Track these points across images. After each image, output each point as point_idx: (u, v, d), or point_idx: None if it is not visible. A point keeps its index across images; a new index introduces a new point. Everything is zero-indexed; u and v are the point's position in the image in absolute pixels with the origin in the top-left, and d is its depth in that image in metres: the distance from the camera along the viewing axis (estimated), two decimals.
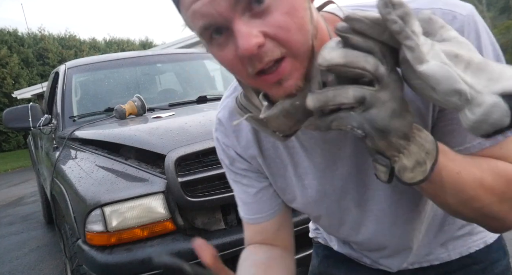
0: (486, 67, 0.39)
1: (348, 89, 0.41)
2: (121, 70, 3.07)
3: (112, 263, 1.55)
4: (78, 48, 18.31)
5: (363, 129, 0.42)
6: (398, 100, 0.42)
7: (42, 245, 3.80)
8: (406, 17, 0.39)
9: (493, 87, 0.38)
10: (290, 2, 0.44)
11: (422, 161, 0.44)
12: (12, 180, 8.79)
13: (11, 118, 2.62)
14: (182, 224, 1.66)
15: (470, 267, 0.72)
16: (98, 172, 1.84)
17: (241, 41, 0.43)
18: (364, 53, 0.41)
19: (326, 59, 0.40)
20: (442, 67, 0.38)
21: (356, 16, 0.40)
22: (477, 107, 0.38)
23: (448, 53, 0.40)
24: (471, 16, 0.52)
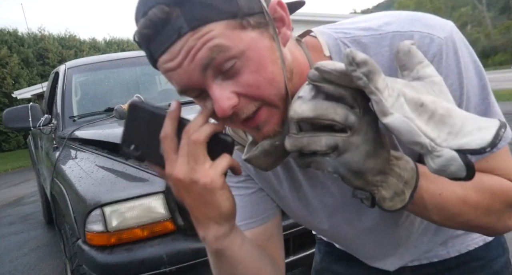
0: (448, 120, 0.41)
1: (321, 137, 0.43)
2: (121, 70, 3.07)
3: (112, 263, 1.55)
4: (78, 48, 18.29)
5: (339, 173, 0.45)
6: (370, 142, 0.43)
7: (42, 245, 3.80)
8: (370, 74, 0.40)
9: (451, 142, 0.40)
10: (256, 60, 0.47)
11: (401, 192, 0.46)
12: (12, 180, 8.79)
13: (11, 118, 2.62)
14: (182, 224, 1.66)
15: (469, 264, 0.73)
16: (98, 172, 1.84)
17: (216, 106, 0.47)
18: (333, 104, 0.42)
19: (297, 112, 0.43)
20: (404, 122, 0.40)
21: (325, 68, 0.42)
22: (437, 158, 0.40)
23: (414, 102, 0.41)
24: (449, 37, 0.53)
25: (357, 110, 0.43)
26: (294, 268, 1.83)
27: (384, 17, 0.56)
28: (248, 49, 0.46)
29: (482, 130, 0.39)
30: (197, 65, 0.46)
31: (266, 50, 0.48)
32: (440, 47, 0.52)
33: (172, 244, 1.60)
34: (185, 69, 0.46)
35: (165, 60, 0.47)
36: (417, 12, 0.56)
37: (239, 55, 0.46)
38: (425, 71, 0.45)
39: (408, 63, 0.45)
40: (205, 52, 0.45)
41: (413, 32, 0.53)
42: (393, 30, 0.54)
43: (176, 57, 0.46)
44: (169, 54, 0.46)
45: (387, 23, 0.55)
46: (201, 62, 0.45)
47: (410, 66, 0.45)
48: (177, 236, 1.64)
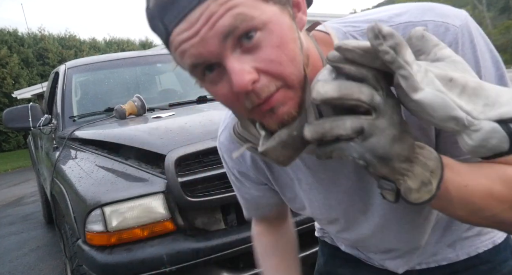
0: (482, 92, 0.39)
1: (345, 120, 0.41)
2: (121, 70, 3.07)
3: (112, 263, 1.55)
4: (78, 48, 18.29)
5: (364, 159, 0.42)
6: (397, 125, 0.41)
7: (42, 245, 3.80)
8: (397, 47, 0.39)
9: (490, 113, 0.38)
10: (279, 35, 0.44)
11: (428, 181, 0.44)
12: (12, 180, 8.79)
13: (11, 118, 2.62)
14: (182, 224, 1.66)
15: (477, 268, 0.71)
16: (98, 172, 1.84)
17: (236, 78, 0.43)
18: (358, 84, 0.40)
19: (320, 93, 0.40)
20: (437, 96, 0.38)
21: (348, 46, 0.40)
22: (475, 133, 0.38)
23: (442, 78, 0.40)
24: (464, 26, 0.51)
25: (380, 92, 0.41)
26: None
27: (394, 9, 0.55)
28: (270, 22, 0.44)
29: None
30: (218, 32, 0.43)
31: (287, 27, 0.46)
32: (455, 35, 0.50)
33: (172, 244, 1.60)
34: (203, 37, 0.43)
35: (181, 30, 0.44)
36: (427, 3, 0.54)
37: (262, 26, 0.44)
38: (443, 53, 0.43)
39: (424, 47, 0.43)
40: (228, 19, 0.42)
41: (426, 22, 0.51)
42: (405, 20, 0.52)
43: (194, 25, 0.43)
44: (187, 22, 0.43)
45: (398, 14, 0.53)
46: (223, 29, 0.42)
47: (426, 50, 0.43)
48: (177, 236, 1.64)
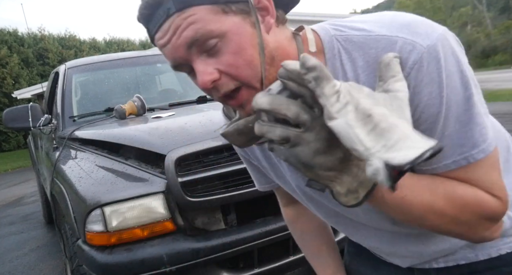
0: (387, 134, 0.43)
1: (276, 128, 0.47)
2: (121, 70, 3.07)
3: (112, 263, 1.55)
4: (78, 48, 18.28)
5: (289, 162, 0.49)
6: (322, 141, 0.46)
7: (42, 245, 3.80)
8: (318, 80, 0.44)
9: (382, 154, 0.42)
10: (237, 43, 0.53)
11: (354, 190, 0.49)
12: (12, 180, 8.79)
13: (11, 118, 2.62)
14: (182, 224, 1.66)
15: (499, 269, 0.70)
16: (98, 172, 1.84)
17: (198, 78, 0.55)
18: (288, 101, 0.46)
19: (256, 103, 0.47)
20: (344, 128, 0.43)
21: (287, 67, 0.46)
22: (369, 166, 0.43)
23: (363, 112, 0.44)
24: (432, 46, 0.53)
25: (316, 109, 0.46)
26: (294, 268, 1.83)
27: (380, 20, 0.59)
28: (229, 31, 0.53)
29: (412, 148, 0.42)
30: (183, 42, 0.53)
31: (246, 35, 0.54)
32: (421, 55, 0.53)
33: (172, 244, 1.60)
34: (173, 45, 0.54)
35: (158, 37, 0.55)
36: (413, 18, 0.57)
37: (220, 36, 0.53)
38: (394, 86, 0.48)
39: (384, 75, 0.49)
40: (190, 32, 0.52)
41: (398, 38, 0.54)
42: (382, 33, 0.56)
43: (165, 35, 0.54)
44: (161, 32, 0.55)
45: (380, 26, 0.57)
46: (186, 40, 0.53)
47: (384, 78, 0.49)
48: (177, 236, 1.64)
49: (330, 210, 0.72)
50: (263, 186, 0.88)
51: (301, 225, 0.94)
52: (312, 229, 0.93)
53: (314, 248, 0.93)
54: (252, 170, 0.86)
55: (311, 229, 0.93)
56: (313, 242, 0.93)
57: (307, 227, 0.93)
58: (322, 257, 0.92)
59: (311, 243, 0.93)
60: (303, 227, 0.94)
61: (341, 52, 0.58)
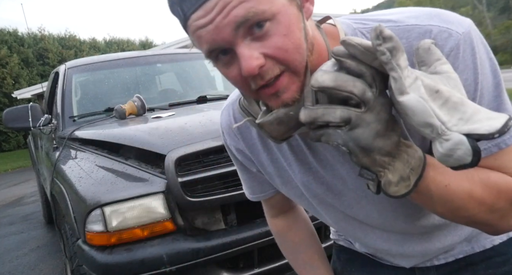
0: (461, 107, 0.42)
1: (336, 109, 0.45)
2: (121, 70, 3.07)
3: (112, 263, 1.55)
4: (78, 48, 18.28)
5: (347, 147, 0.47)
6: (383, 122, 0.45)
7: (42, 245, 3.80)
8: (394, 51, 0.42)
9: (461, 127, 0.41)
10: (286, 25, 0.49)
11: (406, 177, 0.48)
12: (12, 180, 8.79)
13: (11, 118, 2.61)
14: (182, 224, 1.66)
15: (493, 259, 0.73)
16: (98, 172, 1.84)
17: (244, 63, 0.48)
18: (353, 78, 0.44)
19: (318, 81, 0.45)
20: (418, 101, 0.42)
21: (351, 41, 0.44)
22: (445, 142, 0.42)
23: (430, 88, 0.43)
24: (467, 33, 0.54)
25: (374, 89, 0.45)
26: None
27: (404, 12, 0.58)
28: (279, 13, 0.48)
29: (492, 119, 0.41)
30: (231, 22, 0.47)
31: (294, 17, 0.50)
32: (457, 42, 0.53)
33: (172, 244, 1.60)
34: (217, 25, 0.47)
35: (198, 16, 0.48)
36: (437, 9, 0.57)
37: (271, 17, 0.48)
38: (442, 68, 0.46)
39: (427, 59, 0.47)
40: (241, 10, 0.46)
41: (431, 26, 0.54)
42: (412, 23, 0.55)
43: (209, 13, 0.47)
44: (203, 10, 0.47)
45: (407, 17, 0.56)
46: (235, 19, 0.47)
47: (428, 62, 0.47)
48: (177, 236, 1.64)
49: (339, 214, 0.71)
50: (256, 196, 0.84)
51: (292, 236, 0.89)
52: (304, 238, 0.90)
53: (306, 258, 0.89)
54: (248, 178, 0.82)
55: (303, 239, 0.89)
56: (306, 253, 0.89)
57: (299, 238, 0.89)
58: (315, 266, 0.88)
59: (303, 253, 0.89)
60: (294, 238, 0.89)
61: None
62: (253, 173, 0.80)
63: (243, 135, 0.73)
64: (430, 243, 0.70)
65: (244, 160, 0.77)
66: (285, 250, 0.92)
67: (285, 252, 0.92)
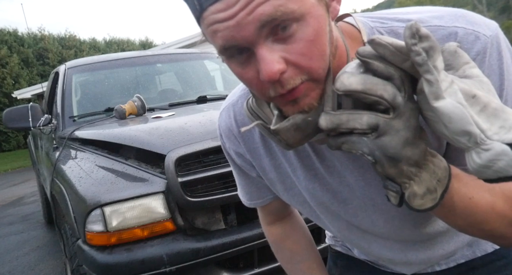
0: (501, 114, 0.39)
1: (363, 114, 0.41)
2: (121, 70, 3.07)
3: (112, 263, 1.55)
4: (78, 48, 18.29)
5: (374, 156, 0.43)
6: (412, 129, 0.42)
7: (42, 245, 3.80)
8: (431, 51, 0.39)
9: (504, 136, 0.38)
10: (314, 29, 0.44)
11: (433, 189, 0.44)
12: (12, 180, 8.79)
13: (11, 118, 2.61)
14: (182, 224, 1.66)
15: (494, 263, 0.72)
16: (98, 172, 1.84)
17: (265, 67, 0.43)
18: (383, 81, 0.41)
19: (344, 84, 0.41)
20: (457, 107, 0.38)
21: (381, 41, 0.40)
22: (485, 152, 0.38)
23: (466, 93, 0.39)
24: (494, 36, 0.51)
25: (403, 94, 0.41)
26: None
27: (426, 11, 0.54)
28: (308, 14, 0.43)
29: None
30: (255, 20, 0.42)
31: (322, 20, 0.45)
32: (485, 45, 0.50)
33: (172, 244, 1.60)
34: (239, 21, 0.42)
35: (216, 9, 0.42)
36: (462, 9, 0.54)
37: (299, 18, 0.43)
38: (472, 71, 0.43)
39: (454, 62, 0.43)
40: (268, 8, 0.41)
41: (457, 28, 0.50)
42: (436, 24, 0.51)
43: (231, 7, 0.42)
44: (224, 3, 0.42)
45: (430, 17, 0.53)
46: (261, 17, 0.41)
47: (456, 65, 0.43)
48: (177, 236, 1.64)
49: (343, 222, 0.69)
50: (254, 202, 0.80)
51: (290, 244, 0.86)
52: (302, 247, 0.86)
53: (304, 268, 0.85)
54: (246, 183, 0.79)
55: (301, 248, 0.86)
56: (304, 263, 0.85)
57: (297, 247, 0.86)
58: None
59: (302, 263, 0.86)
60: (292, 246, 0.86)
61: None
62: (251, 178, 0.76)
63: (244, 138, 0.69)
64: (434, 250, 0.69)
65: (244, 165, 0.74)
66: (282, 259, 0.88)
67: (282, 261, 0.88)
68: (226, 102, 0.72)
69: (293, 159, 0.65)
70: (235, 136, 0.70)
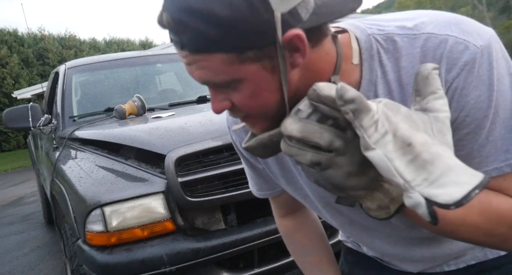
0: (429, 166, 0.41)
1: (306, 152, 0.45)
2: (121, 70, 3.07)
3: (112, 263, 1.55)
4: (78, 48, 18.28)
5: (319, 184, 0.48)
6: (355, 163, 0.44)
7: (42, 245, 3.80)
8: (356, 112, 0.42)
9: (423, 189, 0.40)
10: (251, 89, 0.50)
11: (385, 206, 0.47)
12: (12, 180, 8.79)
13: (11, 118, 2.61)
14: (182, 224, 1.66)
15: (506, 266, 0.71)
16: (98, 172, 1.84)
17: (212, 105, 0.53)
18: (321, 129, 0.44)
19: (286, 129, 0.46)
20: (382, 160, 0.41)
21: (320, 93, 0.44)
22: (408, 198, 0.41)
23: (403, 140, 0.42)
24: (485, 46, 0.50)
25: (349, 132, 0.44)
26: (294, 268, 1.83)
27: (422, 16, 0.55)
28: (244, 79, 0.49)
29: (457, 185, 0.39)
30: (197, 78, 0.51)
31: (262, 82, 0.49)
32: (474, 55, 0.50)
33: (172, 244, 1.60)
34: (189, 70, 0.51)
35: (181, 54, 0.50)
36: (456, 15, 0.54)
37: (234, 82, 0.49)
38: (433, 104, 0.44)
39: (423, 90, 0.45)
40: (201, 74, 0.49)
41: (448, 36, 0.51)
42: (428, 31, 0.52)
43: (183, 57, 0.50)
44: (179, 52, 0.50)
45: (424, 22, 0.53)
46: (199, 79, 0.51)
47: (423, 93, 0.45)
48: (177, 236, 1.64)
49: (345, 217, 0.70)
50: (264, 193, 0.83)
51: (301, 237, 0.88)
52: (313, 241, 0.88)
53: (314, 262, 0.87)
54: (254, 175, 0.81)
55: (312, 241, 0.88)
56: (314, 256, 0.87)
57: (308, 240, 0.88)
58: (323, 270, 0.87)
59: (312, 256, 0.88)
60: (303, 239, 0.88)
61: (380, 52, 0.54)
62: (259, 170, 0.78)
63: (248, 131, 0.71)
64: (439, 248, 0.69)
65: (250, 157, 0.77)
66: (293, 252, 0.91)
67: (293, 253, 0.91)
68: None
69: None
70: (240, 129, 0.73)
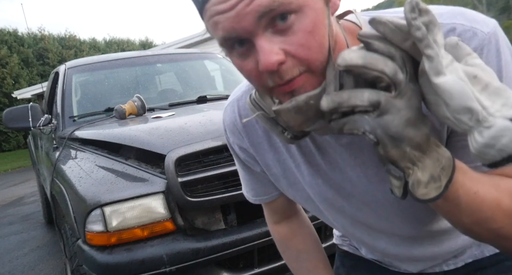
0: (503, 92, 0.39)
1: (363, 92, 0.42)
2: (121, 70, 3.07)
3: (112, 263, 1.55)
4: (78, 48, 18.30)
5: (376, 135, 0.43)
6: (414, 110, 0.42)
7: (42, 245, 3.80)
8: (430, 25, 0.38)
9: (506, 112, 0.37)
10: (312, 20, 0.45)
11: (437, 177, 0.43)
12: (12, 180, 8.79)
13: (11, 118, 2.61)
14: (182, 224, 1.66)
15: (502, 263, 0.71)
16: (98, 172, 1.84)
17: (263, 58, 0.44)
18: (384, 57, 0.41)
19: (345, 59, 0.41)
20: (458, 82, 0.38)
21: (382, 19, 0.41)
22: (487, 129, 0.38)
23: (467, 73, 0.39)
24: (492, 33, 0.51)
25: (404, 74, 0.41)
26: None
27: None
28: (306, 5, 0.44)
29: None
30: (254, 11, 0.43)
31: (320, 12, 0.46)
32: (482, 41, 0.50)
33: (172, 244, 1.60)
34: (238, 12, 0.43)
35: (217, 1, 0.44)
36: (461, 7, 0.54)
37: (297, 10, 0.44)
38: (474, 61, 0.42)
39: (457, 55, 0.43)
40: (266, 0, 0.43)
41: (455, 24, 0.51)
42: None
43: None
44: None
45: None
46: (259, 8, 0.43)
47: (458, 57, 0.43)
48: (177, 236, 1.64)
49: (347, 219, 0.69)
50: (259, 198, 0.80)
51: (296, 243, 0.86)
52: (309, 246, 0.86)
53: (310, 267, 0.85)
54: (251, 179, 0.78)
55: (308, 247, 0.86)
56: (310, 261, 0.86)
57: (304, 245, 0.86)
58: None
59: (308, 262, 0.86)
60: (298, 245, 0.86)
61: None
62: (256, 174, 0.76)
63: (248, 133, 0.70)
64: (439, 247, 0.69)
65: (248, 160, 0.74)
66: (288, 258, 0.88)
67: (288, 260, 0.89)
68: (231, 98, 0.73)
69: (296, 154, 0.66)
70: (239, 131, 0.71)
